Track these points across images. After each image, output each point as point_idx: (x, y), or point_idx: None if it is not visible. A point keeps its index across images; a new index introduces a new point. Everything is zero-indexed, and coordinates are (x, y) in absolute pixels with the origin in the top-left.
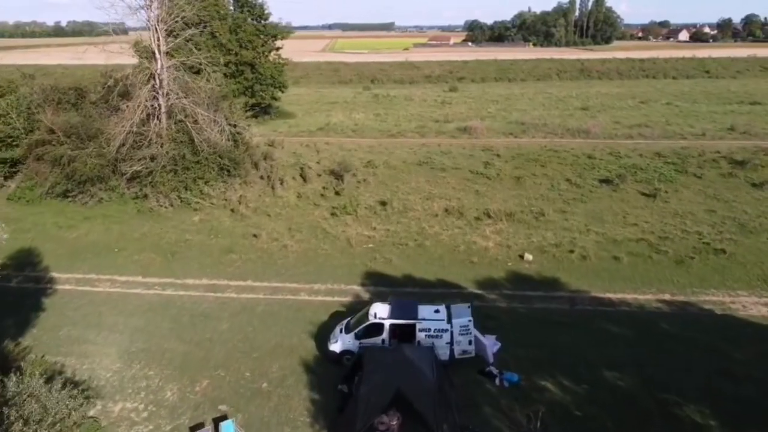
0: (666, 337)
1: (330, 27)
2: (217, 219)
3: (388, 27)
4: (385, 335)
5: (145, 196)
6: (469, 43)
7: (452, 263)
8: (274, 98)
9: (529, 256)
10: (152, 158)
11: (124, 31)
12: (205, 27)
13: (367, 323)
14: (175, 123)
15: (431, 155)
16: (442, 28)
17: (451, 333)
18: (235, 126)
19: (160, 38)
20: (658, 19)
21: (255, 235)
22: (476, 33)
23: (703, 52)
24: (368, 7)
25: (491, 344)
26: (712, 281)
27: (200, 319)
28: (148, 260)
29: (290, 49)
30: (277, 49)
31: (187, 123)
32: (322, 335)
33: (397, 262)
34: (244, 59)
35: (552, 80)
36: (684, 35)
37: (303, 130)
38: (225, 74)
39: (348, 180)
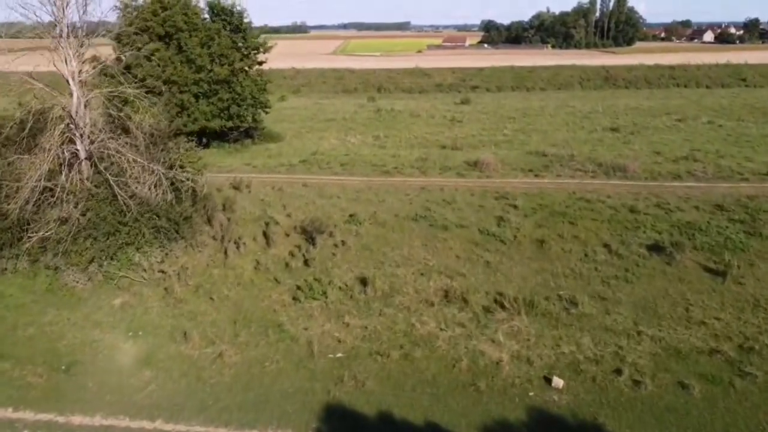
0: None
1: (345, 26)
2: (144, 304)
3: (403, 26)
4: None
5: (56, 268)
6: (485, 45)
7: (450, 391)
8: (256, 120)
9: (558, 381)
10: (63, 221)
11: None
12: (140, 49)
13: None
14: (95, 174)
15: (431, 205)
16: (458, 28)
17: None
18: (182, 168)
19: (74, 63)
20: (679, 19)
21: (185, 335)
22: (492, 34)
23: (736, 56)
24: (384, 7)
25: None
26: None
27: None
28: (30, 379)
29: (301, 51)
30: (260, 63)
31: (107, 175)
32: None
33: (373, 387)
34: (218, 77)
35: (574, 89)
36: (709, 36)
37: (283, 163)
38: (196, 95)
39: (322, 243)
